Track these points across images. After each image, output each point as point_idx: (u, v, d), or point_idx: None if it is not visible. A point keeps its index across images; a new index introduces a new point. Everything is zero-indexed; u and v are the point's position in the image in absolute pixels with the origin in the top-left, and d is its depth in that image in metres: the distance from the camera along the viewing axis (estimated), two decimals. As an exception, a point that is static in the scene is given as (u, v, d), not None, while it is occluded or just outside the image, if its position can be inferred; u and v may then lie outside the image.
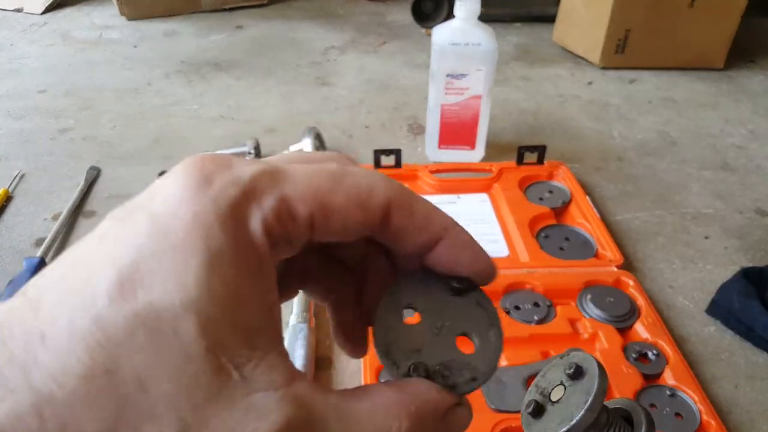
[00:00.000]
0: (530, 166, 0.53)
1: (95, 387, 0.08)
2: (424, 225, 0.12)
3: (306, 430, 0.09)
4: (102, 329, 0.08)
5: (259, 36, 0.92)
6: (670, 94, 0.73)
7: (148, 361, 0.08)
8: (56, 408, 0.08)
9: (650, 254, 0.46)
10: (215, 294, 0.09)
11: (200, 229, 0.09)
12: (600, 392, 0.13)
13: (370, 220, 0.11)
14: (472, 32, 0.49)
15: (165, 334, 0.09)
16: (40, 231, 0.48)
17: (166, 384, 0.08)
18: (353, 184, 0.11)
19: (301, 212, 0.10)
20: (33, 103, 0.70)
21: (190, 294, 0.09)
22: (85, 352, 0.08)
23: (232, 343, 0.09)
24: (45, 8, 1.01)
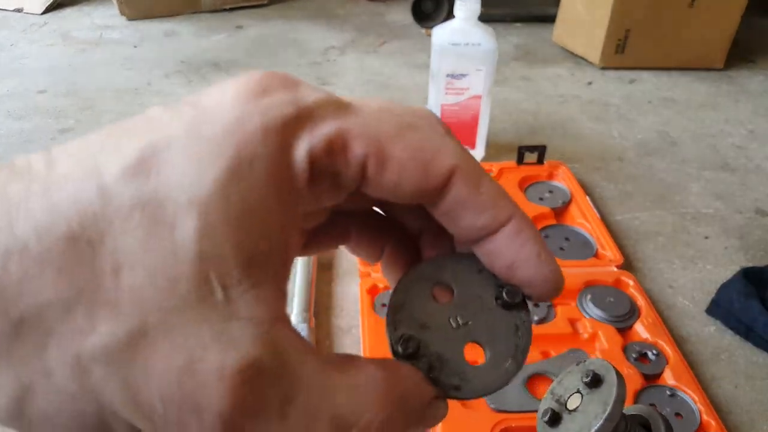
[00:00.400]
0: (530, 166, 0.53)
1: (71, 253, 0.08)
2: (489, 205, 0.10)
3: (271, 381, 0.08)
4: (102, 200, 0.08)
5: (259, 36, 0.92)
6: (670, 94, 0.73)
7: (131, 248, 0.08)
8: (24, 260, 0.07)
9: (650, 254, 0.46)
10: (229, 202, 0.08)
11: (239, 133, 0.08)
12: (619, 401, 0.13)
13: (429, 183, 0.10)
14: (472, 32, 0.49)
15: (160, 225, 0.08)
16: (41, 231, 0.48)
17: (141, 277, 0.08)
18: (420, 139, 0.10)
19: (355, 150, 0.09)
20: (33, 103, 0.70)
21: (201, 193, 0.08)
22: (76, 216, 0.08)
23: (228, 259, 0.08)
24: (45, 8, 1.01)
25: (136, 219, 0.08)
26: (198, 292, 0.08)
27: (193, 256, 0.08)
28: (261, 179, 0.08)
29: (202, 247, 0.08)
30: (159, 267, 0.08)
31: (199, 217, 0.08)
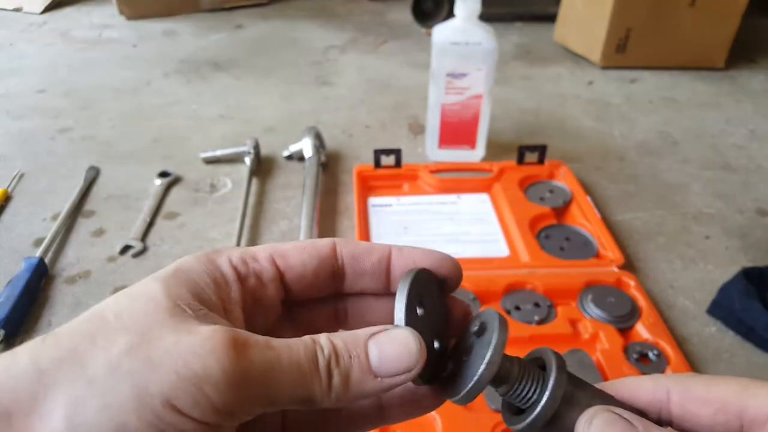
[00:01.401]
0: (531, 165, 0.53)
1: (87, 323, 0.12)
2: (370, 248, 0.15)
3: (238, 334, 0.12)
4: (100, 303, 0.13)
5: (258, 35, 0.92)
6: (670, 93, 0.73)
7: (123, 306, 0.12)
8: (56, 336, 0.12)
9: (651, 254, 0.46)
10: (179, 279, 0.13)
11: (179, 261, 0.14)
12: (499, 345, 0.13)
13: (320, 254, 0.14)
14: (473, 32, 0.48)
15: (136, 292, 0.13)
16: (40, 231, 0.48)
17: (136, 315, 0.12)
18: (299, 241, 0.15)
19: (260, 255, 0.14)
20: (32, 103, 0.69)
21: (159, 278, 0.13)
22: (86, 313, 0.13)
23: (187, 299, 0.13)
24: (44, 8, 1.01)
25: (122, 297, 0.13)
26: (174, 314, 0.12)
27: (164, 298, 0.12)
28: (196, 273, 0.13)
29: (168, 294, 0.13)
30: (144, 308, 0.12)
31: (160, 283, 0.13)
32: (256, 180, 0.55)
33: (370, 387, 0.12)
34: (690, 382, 0.14)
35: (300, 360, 0.12)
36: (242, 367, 0.11)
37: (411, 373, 0.13)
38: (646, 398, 0.14)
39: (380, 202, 0.50)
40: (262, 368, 0.11)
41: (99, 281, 0.43)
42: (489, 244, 0.45)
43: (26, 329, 0.39)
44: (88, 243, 0.46)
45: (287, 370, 0.12)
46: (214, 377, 0.11)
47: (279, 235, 0.48)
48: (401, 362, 0.12)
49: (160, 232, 0.48)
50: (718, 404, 0.13)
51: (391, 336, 0.13)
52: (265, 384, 0.11)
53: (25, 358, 0.11)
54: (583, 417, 0.13)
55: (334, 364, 0.12)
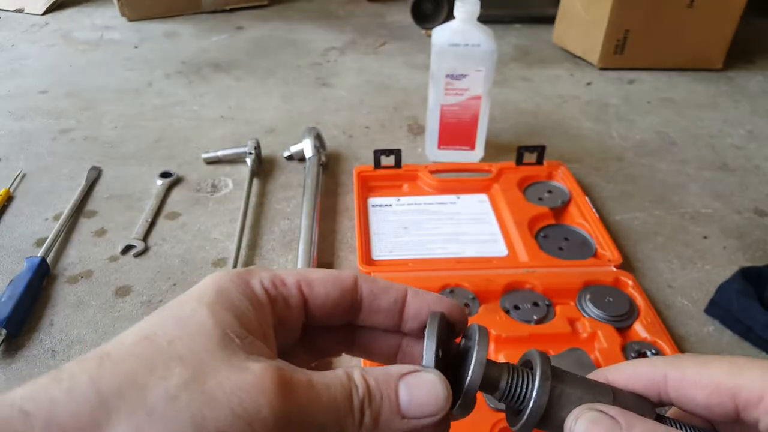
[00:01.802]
0: (529, 166, 0.53)
1: (138, 345, 0.13)
2: (388, 286, 0.16)
3: (284, 371, 0.13)
4: (146, 323, 0.13)
5: (259, 37, 0.92)
6: (668, 94, 0.73)
7: (173, 332, 0.13)
8: (111, 358, 0.12)
9: (649, 254, 0.46)
10: (222, 302, 0.14)
11: (215, 280, 0.14)
12: (480, 354, 0.14)
13: (343, 286, 0.16)
14: (472, 33, 0.49)
15: (186, 318, 0.13)
16: (41, 231, 0.48)
17: (188, 341, 0.13)
18: (325, 270, 0.16)
19: (289, 280, 0.15)
20: (34, 104, 0.70)
21: (204, 301, 0.14)
22: (134, 333, 0.13)
23: (234, 325, 0.13)
24: (46, 9, 1.01)
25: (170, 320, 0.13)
26: (224, 342, 0.13)
27: (212, 325, 0.13)
28: (236, 295, 0.14)
29: (215, 320, 0.13)
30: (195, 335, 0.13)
31: (207, 308, 0.13)
32: (257, 180, 0.55)
33: (396, 427, 0.13)
34: (684, 365, 0.14)
35: (336, 400, 0.13)
36: (288, 407, 0.12)
37: (437, 416, 0.13)
38: (644, 382, 0.15)
39: (380, 202, 0.50)
40: (304, 408, 0.12)
41: (101, 281, 0.43)
42: (488, 244, 0.45)
43: (28, 329, 0.39)
44: (90, 243, 0.47)
45: (325, 409, 0.13)
46: (263, 416, 0.12)
47: (280, 235, 0.48)
48: (429, 406, 0.13)
49: (161, 232, 0.48)
50: (712, 387, 0.14)
51: (420, 379, 0.13)
52: (305, 423, 0.12)
53: (84, 381, 0.12)
54: (570, 416, 0.14)
55: (366, 404, 0.13)
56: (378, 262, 0.43)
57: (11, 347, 0.37)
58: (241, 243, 0.45)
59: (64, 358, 0.37)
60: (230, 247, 0.45)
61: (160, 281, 0.43)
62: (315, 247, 0.44)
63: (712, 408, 0.14)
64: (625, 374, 0.15)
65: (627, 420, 0.13)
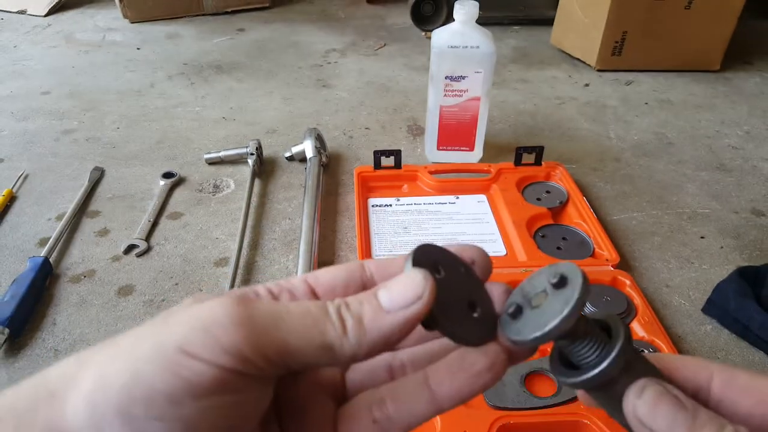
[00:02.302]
0: (528, 166, 0.53)
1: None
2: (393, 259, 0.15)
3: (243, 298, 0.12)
4: None
5: (260, 39, 0.93)
6: (666, 95, 0.74)
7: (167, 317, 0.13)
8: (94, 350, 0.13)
9: (646, 254, 0.46)
10: None
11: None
12: (579, 303, 0.13)
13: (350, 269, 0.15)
14: (471, 35, 0.49)
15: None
16: (44, 231, 0.48)
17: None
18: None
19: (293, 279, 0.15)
20: (37, 105, 0.70)
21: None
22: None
23: None
24: (48, 10, 1.02)
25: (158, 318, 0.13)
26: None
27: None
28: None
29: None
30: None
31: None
32: (258, 181, 0.55)
33: (386, 323, 0.12)
34: (736, 371, 0.14)
35: (309, 308, 0.12)
36: (247, 310, 0.12)
37: (423, 300, 0.12)
38: (688, 375, 0.14)
39: (380, 203, 0.50)
40: (267, 312, 0.12)
41: (103, 280, 0.43)
42: (487, 243, 0.46)
43: (31, 328, 0.39)
44: (93, 243, 0.47)
45: (296, 315, 0.12)
46: (220, 320, 0.11)
47: (281, 235, 0.48)
48: (408, 291, 0.12)
49: (164, 231, 0.49)
50: (760, 396, 0.14)
51: (396, 279, 0.13)
52: (273, 326, 0.12)
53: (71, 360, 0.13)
54: (634, 386, 0.13)
55: (345, 310, 0.12)
56: (378, 262, 0.44)
57: (14, 346, 0.38)
58: (242, 243, 0.46)
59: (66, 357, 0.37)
60: (232, 246, 0.46)
61: (163, 281, 0.43)
62: (316, 246, 0.45)
63: (754, 417, 0.14)
64: (671, 363, 0.15)
65: (692, 404, 0.13)
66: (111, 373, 0.12)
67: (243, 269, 0.44)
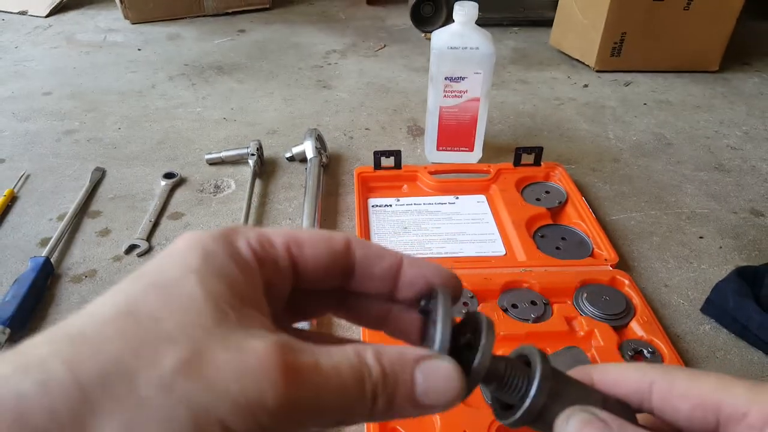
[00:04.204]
0: (527, 167, 0.54)
1: (119, 322, 0.11)
2: (382, 252, 0.15)
3: (289, 354, 0.11)
4: (123, 294, 0.12)
5: (261, 40, 0.93)
6: (665, 96, 0.74)
7: (159, 306, 0.11)
8: (87, 339, 0.11)
9: (645, 253, 0.46)
10: (211, 268, 0.12)
11: (198, 242, 0.13)
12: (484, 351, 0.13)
13: (334, 250, 0.14)
14: (471, 36, 0.50)
15: (171, 288, 0.12)
16: (46, 231, 0.48)
17: (178, 317, 0.11)
18: (316, 231, 0.15)
19: (277, 240, 0.14)
20: (38, 105, 0.71)
21: (190, 268, 0.12)
22: (110, 306, 0.11)
23: (227, 295, 0.12)
24: (49, 11, 1.02)
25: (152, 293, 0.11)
26: (219, 315, 0.11)
27: (203, 296, 0.11)
28: (224, 259, 0.13)
29: (205, 291, 0.11)
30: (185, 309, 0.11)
31: (195, 275, 0.12)
32: (259, 181, 0.56)
33: (409, 413, 0.13)
34: (674, 376, 0.14)
35: (346, 385, 0.12)
36: (293, 395, 0.11)
37: (449, 406, 0.13)
38: (630, 387, 0.15)
39: (380, 203, 0.51)
40: (311, 395, 0.11)
41: (105, 280, 0.43)
42: (486, 243, 0.46)
43: (32, 328, 0.39)
44: (94, 243, 0.47)
45: (333, 395, 0.12)
46: (268, 406, 0.11)
47: (281, 235, 0.48)
48: (444, 396, 0.13)
49: (165, 232, 0.49)
50: (698, 399, 0.14)
51: (437, 367, 0.13)
52: (311, 411, 0.11)
53: (59, 369, 0.10)
54: (561, 416, 0.14)
55: (380, 390, 0.12)
56: (378, 262, 0.44)
57: (15, 346, 0.38)
58: (243, 243, 0.46)
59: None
60: (232, 246, 0.46)
61: (163, 280, 0.43)
62: (316, 246, 0.45)
63: (694, 421, 0.14)
64: (610, 377, 0.15)
65: (619, 426, 0.13)
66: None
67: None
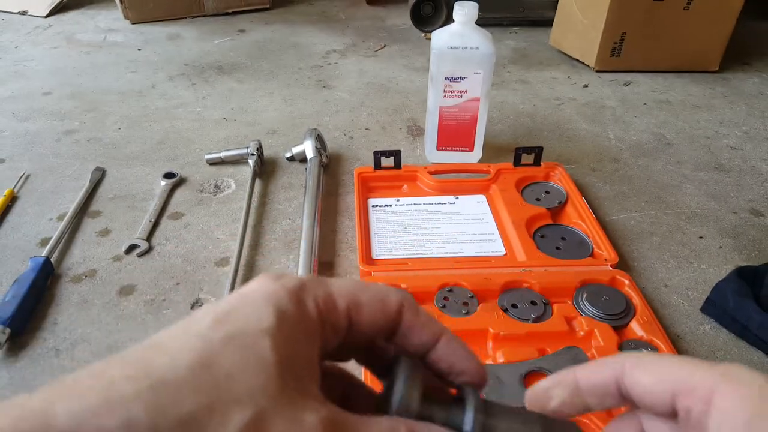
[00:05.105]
0: (527, 167, 0.54)
1: (196, 374, 0.12)
2: (428, 323, 0.16)
3: (336, 426, 0.12)
4: (203, 341, 0.12)
5: (261, 40, 0.93)
6: (665, 96, 0.74)
7: (235, 363, 0.12)
8: (168, 388, 0.11)
9: (645, 253, 0.46)
10: (283, 330, 0.13)
11: (273, 297, 0.14)
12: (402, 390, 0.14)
13: (388, 313, 0.15)
14: (470, 36, 0.50)
15: (248, 347, 0.12)
16: (46, 231, 0.48)
17: (249, 379, 0.12)
18: (375, 289, 0.16)
19: (340, 304, 0.15)
20: (38, 105, 0.71)
21: (267, 325, 0.13)
22: (190, 352, 0.12)
23: (292, 362, 0.13)
24: (49, 11, 1.02)
25: (231, 346, 0.12)
26: (283, 383, 0.12)
27: (274, 361, 0.12)
28: (294, 319, 0.13)
29: (278, 356, 0.12)
30: (256, 371, 0.12)
31: (270, 338, 0.13)
32: (259, 181, 0.56)
33: None
34: (643, 356, 0.15)
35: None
36: None
37: None
38: (607, 373, 0.15)
39: (380, 203, 0.51)
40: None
41: (105, 280, 0.43)
42: (486, 243, 0.46)
43: (32, 327, 0.39)
44: (94, 243, 0.47)
45: None
46: None
47: (282, 235, 0.49)
48: None
49: (165, 231, 0.49)
50: (658, 375, 0.14)
51: None
52: None
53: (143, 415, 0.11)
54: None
55: None
56: (378, 262, 0.44)
57: (15, 346, 0.38)
58: (243, 243, 0.46)
59: (67, 357, 0.37)
60: (233, 246, 0.46)
61: (164, 281, 0.43)
62: (316, 246, 0.45)
63: (655, 396, 0.14)
64: (589, 369, 0.16)
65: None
66: None
67: (244, 269, 0.44)
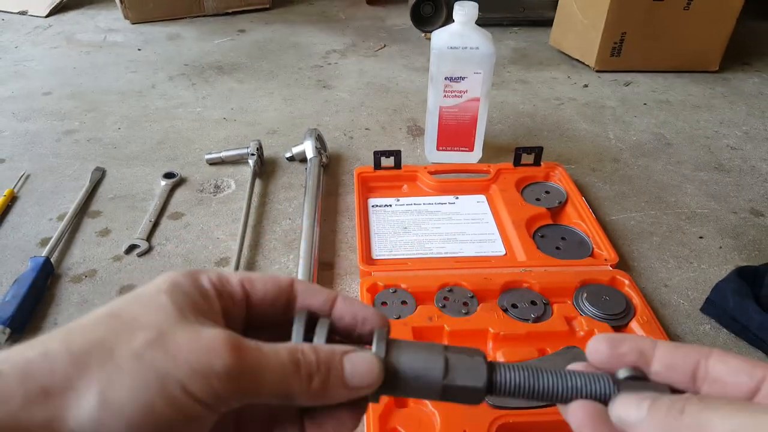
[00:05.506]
0: (527, 167, 0.54)
1: (104, 318, 0.14)
2: (320, 289, 0.18)
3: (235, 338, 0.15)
4: (109, 304, 0.15)
5: (261, 40, 0.93)
6: (665, 96, 0.74)
7: (136, 309, 0.15)
8: (79, 329, 0.14)
9: (645, 253, 0.46)
10: (178, 290, 0.16)
11: (170, 275, 0.16)
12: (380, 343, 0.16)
13: (280, 285, 0.18)
14: (470, 36, 0.50)
15: (149, 300, 0.15)
16: (46, 231, 0.49)
17: (150, 317, 0.15)
18: (264, 274, 0.18)
19: (232, 279, 0.17)
20: (38, 105, 0.71)
21: (165, 287, 0.16)
22: (99, 310, 0.15)
23: (189, 307, 0.15)
24: (49, 11, 1.02)
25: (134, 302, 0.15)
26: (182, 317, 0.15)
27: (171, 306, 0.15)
28: (188, 288, 0.16)
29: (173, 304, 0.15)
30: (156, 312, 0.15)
31: (166, 294, 0.15)
32: (259, 181, 0.56)
33: (341, 394, 0.16)
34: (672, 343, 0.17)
35: (284, 363, 0.15)
36: (238, 364, 0.14)
37: (372, 387, 0.16)
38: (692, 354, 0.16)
39: (380, 203, 0.51)
40: (254, 366, 0.14)
41: (105, 280, 0.43)
42: (486, 243, 0.46)
43: (32, 327, 0.39)
44: (94, 243, 0.47)
45: (273, 369, 0.15)
46: (217, 371, 0.14)
47: (282, 235, 0.49)
48: (368, 378, 0.16)
49: (165, 232, 0.49)
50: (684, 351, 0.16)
51: (361, 356, 0.16)
52: (255, 380, 0.14)
53: (56, 344, 0.13)
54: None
55: (315, 371, 0.15)
56: (378, 262, 0.44)
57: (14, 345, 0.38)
58: (243, 243, 0.46)
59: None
60: (233, 246, 0.46)
61: (164, 280, 0.43)
62: (316, 246, 0.45)
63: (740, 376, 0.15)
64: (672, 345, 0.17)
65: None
66: (119, 399, 0.13)
67: (244, 269, 0.44)
